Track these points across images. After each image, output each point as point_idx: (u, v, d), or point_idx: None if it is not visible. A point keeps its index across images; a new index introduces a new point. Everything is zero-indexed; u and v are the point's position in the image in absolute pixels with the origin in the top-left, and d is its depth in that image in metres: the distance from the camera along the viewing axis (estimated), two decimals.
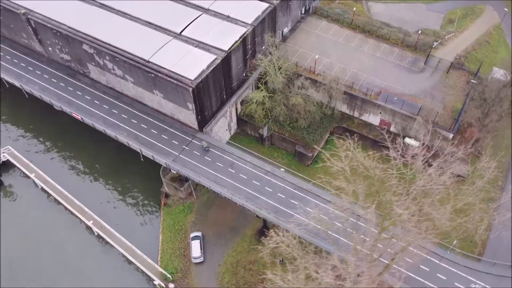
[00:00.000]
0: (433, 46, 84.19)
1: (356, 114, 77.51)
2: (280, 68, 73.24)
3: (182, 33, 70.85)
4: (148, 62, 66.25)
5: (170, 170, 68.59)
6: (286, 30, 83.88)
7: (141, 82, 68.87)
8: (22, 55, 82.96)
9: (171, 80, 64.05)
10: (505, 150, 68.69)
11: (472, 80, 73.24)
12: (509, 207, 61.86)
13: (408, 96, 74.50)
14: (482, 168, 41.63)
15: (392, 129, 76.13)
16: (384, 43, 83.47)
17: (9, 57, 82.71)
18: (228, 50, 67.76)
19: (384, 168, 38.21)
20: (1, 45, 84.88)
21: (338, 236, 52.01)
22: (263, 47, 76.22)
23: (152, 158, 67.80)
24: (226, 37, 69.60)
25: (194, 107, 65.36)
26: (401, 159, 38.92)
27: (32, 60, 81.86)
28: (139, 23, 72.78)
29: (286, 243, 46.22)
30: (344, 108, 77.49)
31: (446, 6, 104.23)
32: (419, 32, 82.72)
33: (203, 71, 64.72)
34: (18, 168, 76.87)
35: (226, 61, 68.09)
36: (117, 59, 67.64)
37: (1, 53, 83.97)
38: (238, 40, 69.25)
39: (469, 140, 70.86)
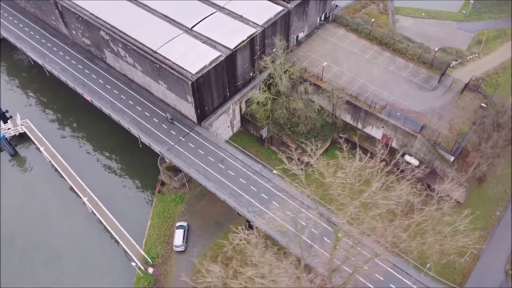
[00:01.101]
0: (451, 65, 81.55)
1: (359, 126, 76.50)
2: (286, 71, 73.86)
3: (193, 28, 72.95)
4: (155, 52, 68.84)
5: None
6: (301, 35, 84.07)
7: (148, 71, 71.54)
8: (50, 36, 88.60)
9: (173, 72, 66.16)
10: (499, 179, 66.18)
11: (482, 104, 70.49)
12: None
13: (414, 113, 72.58)
14: (443, 191, 40.11)
15: (393, 144, 74.45)
16: (399, 57, 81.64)
17: (38, 37, 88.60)
18: (234, 48, 69.09)
19: (337, 176, 37.92)
20: (33, 25, 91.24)
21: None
22: (274, 50, 76.82)
23: (148, 145, 70.46)
24: (235, 36, 70.89)
25: (193, 100, 67.18)
26: (353, 170, 38.48)
27: (58, 42, 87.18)
28: (155, 15, 75.75)
29: (248, 241, 46.95)
30: (348, 119, 76.73)
31: (477, 27, 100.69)
32: (436, 49, 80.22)
33: (205, 66, 66.35)
34: (32, 140, 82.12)
35: (230, 59, 69.37)
36: (128, 47, 70.69)
37: (16, 22, 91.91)
38: (246, 40, 70.44)
39: (471, 165, 68.29)
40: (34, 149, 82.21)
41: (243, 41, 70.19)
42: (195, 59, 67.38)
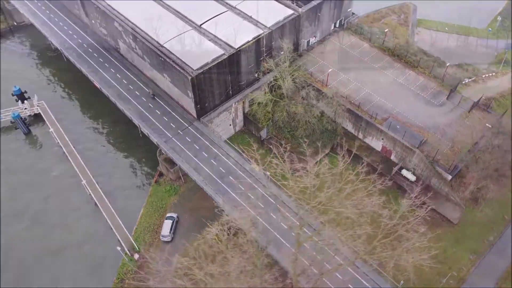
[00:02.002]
0: (464, 82, 79.11)
1: (360, 136, 75.57)
2: (291, 74, 74.04)
3: (202, 26, 74.49)
4: (162, 46, 70.84)
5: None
6: (313, 40, 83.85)
7: (155, 64, 73.59)
8: (73, 24, 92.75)
9: (176, 66, 67.82)
10: (493, 202, 63.68)
11: (487, 124, 67.99)
12: None
13: (416, 128, 70.87)
14: (404, 205, 39.07)
15: (392, 157, 73.16)
16: (410, 70, 79.96)
17: (61, 24, 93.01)
18: (238, 48, 69.99)
19: (297, 180, 38.01)
20: (59, 13, 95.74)
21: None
22: (282, 52, 77.06)
23: (147, 135, 72.47)
24: (241, 36, 71.73)
25: (193, 96, 68.55)
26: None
27: (79, 30, 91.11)
28: (168, 10, 77.77)
29: (219, 237, 47.72)
30: (350, 127, 75.94)
31: (502, 45, 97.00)
32: (448, 64, 77.99)
33: (206, 63, 67.57)
34: (45, 121, 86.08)
35: (234, 58, 70.19)
36: (137, 39, 73.03)
37: (44, 9, 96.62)
38: (251, 40, 71.18)
39: (468, 185, 66.05)
40: (46, 130, 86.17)
41: (248, 41, 71.05)
42: (198, 55, 68.80)
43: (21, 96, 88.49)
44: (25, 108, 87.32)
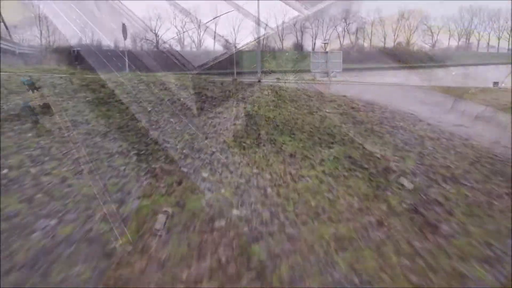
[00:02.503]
0: (470, 91, 77.86)
1: (360, 140, 75.18)
2: (294, 76, 74.38)
3: (206, 24, 75.77)
4: (164, 43, 72.23)
5: None
6: (318, 42, 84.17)
7: (158, 60, 75.03)
8: (84, 16, 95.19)
9: (178, 63, 68.93)
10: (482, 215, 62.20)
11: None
12: None
13: (416, 135, 70.21)
14: (387, 211, 38.67)
15: (391, 164, 72.46)
16: (414, 75, 79.86)
17: (74, 17, 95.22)
18: (239, 48, 70.79)
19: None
20: (73, 6, 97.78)
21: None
22: (287, 53, 77.47)
23: (147, 130, 73.57)
24: (244, 36, 73.30)
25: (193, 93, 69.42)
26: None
27: (90, 23, 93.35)
28: (174, 6, 79.48)
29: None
30: (350, 131, 75.67)
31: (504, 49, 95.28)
32: (454, 73, 77.15)
33: (207, 62, 68.54)
34: (53, 112, 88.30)
35: (235, 58, 71.02)
36: (141, 35, 74.72)
37: (68, 11, 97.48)
38: (253, 41, 71.99)
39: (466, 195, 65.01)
40: (53, 119, 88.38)
41: (251, 41, 71.79)
42: (200, 53, 70.15)
43: (31, 86, 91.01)
44: (36, 98, 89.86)
